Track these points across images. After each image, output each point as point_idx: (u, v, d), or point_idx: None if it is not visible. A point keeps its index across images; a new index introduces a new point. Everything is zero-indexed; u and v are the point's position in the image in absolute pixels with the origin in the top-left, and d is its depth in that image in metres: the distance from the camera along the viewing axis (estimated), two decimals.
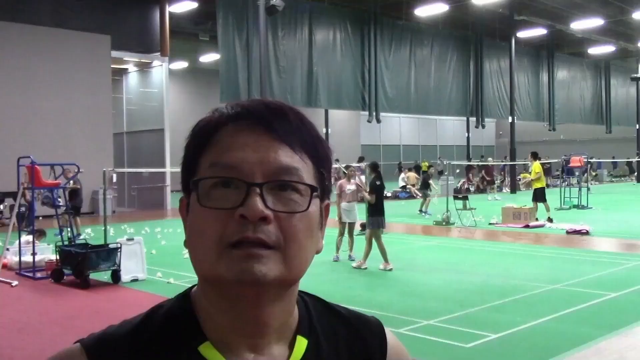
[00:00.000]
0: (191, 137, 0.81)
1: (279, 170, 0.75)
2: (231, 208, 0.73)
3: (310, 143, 0.79)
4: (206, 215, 0.74)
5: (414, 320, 6.64)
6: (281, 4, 18.32)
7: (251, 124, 0.77)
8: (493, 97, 29.97)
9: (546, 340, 5.95)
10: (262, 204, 0.72)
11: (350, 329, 0.88)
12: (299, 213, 0.75)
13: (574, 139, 43.13)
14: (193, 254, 0.77)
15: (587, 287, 8.30)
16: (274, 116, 0.77)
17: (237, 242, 0.72)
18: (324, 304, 0.90)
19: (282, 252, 0.74)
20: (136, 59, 22.58)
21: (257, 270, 0.72)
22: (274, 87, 20.87)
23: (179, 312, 0.80)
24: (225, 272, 0.72)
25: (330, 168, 0.83)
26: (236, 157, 0.75)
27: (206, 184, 0.75)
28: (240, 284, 0.72)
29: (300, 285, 0.84)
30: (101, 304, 7.96)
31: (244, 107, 0.79)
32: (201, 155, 0.78)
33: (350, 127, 40.27)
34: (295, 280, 0.78)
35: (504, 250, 11.92)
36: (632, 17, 27.38)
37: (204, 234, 0.74)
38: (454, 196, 16.91)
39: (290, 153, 0.76)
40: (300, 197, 0.75)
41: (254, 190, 0.73)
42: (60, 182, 11.18)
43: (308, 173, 0.77)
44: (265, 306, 0.76)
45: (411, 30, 26.22)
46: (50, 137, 18.56)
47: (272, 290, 0.75)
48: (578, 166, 21.50)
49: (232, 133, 0.77)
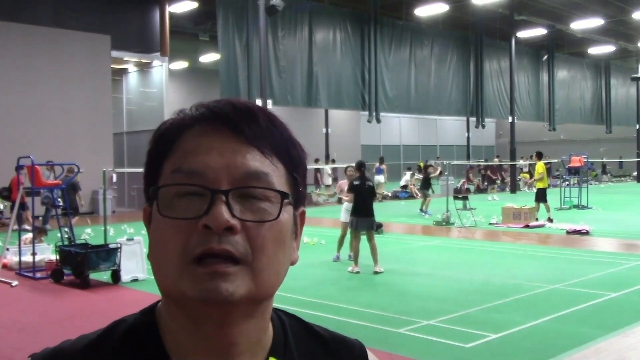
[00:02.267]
0: (153, 142, 0.74)
1: (246, 175, 0.69)
2: (194, 218, 0.66)
3: (281, 146, 0.73)
4: (167, 226, 0.68)
5: (414, 320, 6.64)
6: (281, 4, 18.32)
7: (217, 126, 0.71)
8: (493, 97, 29.97)
9: (546, 340, 5.95)
10: (227, 212, 0.66)
11: (330, 352, 0.82)
12: (269, 222, 0.69)
13: (574, 139, 43.13)
14: (155, 268, 0.71)
15: (587, 287, 8.30)
16: (242, 117, 0.71)
17: (200, 255, 0.66)
18: (302, 324, 0.84)
19: (250, 266, 0.68)
20: (136, 59, 22.58)
21: (223, 289, 0.66)
22: (274, 87, 20.87)
23: (141, 328, 0.74)
24: (189, 291, 0.66)
25: (305, 172, 0.77)
26: (200, 162, 0.69)
27: (168, 192, 0.69)
28: (205, 303, 0.66)
29: (300, 285, 0.82)
30: (101, 304, 7.96)
31: (209, 108, 0.73)
32: (164, 161, 0.72)
33: (350, 127, 40.27)
34: (266, 296, 0.72)
35: (504, 250, 11.92)
36: (632, 17, 27.38)
37: (165, 246, 0.68)
38: (454, 196, 16.91)
39: (260, 157, 0.70)
40: (270, 204, 0.69)
41: (219, 198, 0.67)
42: (60, 182, 11.18)
43: (280, 178, 0.71)
44: (233, 326, 0.70)
45: (411, 30, 26.22)
46: (50, 137, 18.56)
47: (240, 309, 0.68)
48: (578, 166, 21.50)
49: (197, 136, 0.71)
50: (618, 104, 38.80)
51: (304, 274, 9.35)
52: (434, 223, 16.04)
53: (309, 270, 9.67)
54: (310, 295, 7.75)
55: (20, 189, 10.27)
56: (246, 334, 0.72)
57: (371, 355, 0.87)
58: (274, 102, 20.47)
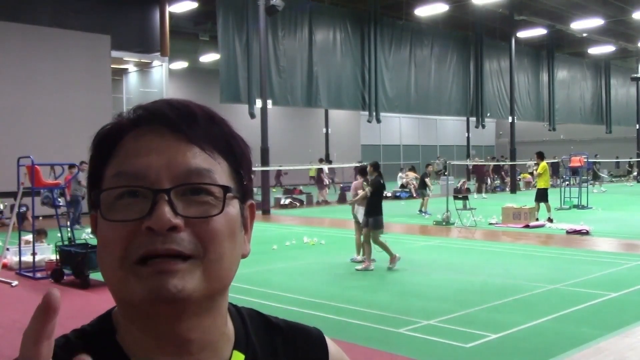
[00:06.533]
0: (93, 148, 0.74)
1: (187, 173, 0.68)
2: (137, 219, 0.66)
3: (222, 142, 0.73)
4: (111, 229, 0.67)
5: (414, 320, 6.64)
6: (281, 4, 18.34)
7: (155, 127, 0.70)
8: (493, 97, 29.98)
9: (546, 340, 5.95)
10: (170, 212, 0.66)
11: (289, 341, 0.84)
12: (214, 216, 0.68)
13: (574, 139, 43.14)
14: (102, 271, 0.70)
15: (587, 287, 8.30)
16: (179, 117, 0.71)
17: (144, 256, 0.66)
18: (261, 316, 0.85)
19: (202, 260, 0.67)
20: (136, 59, 22.59)
21: (171, 286, 0.65)
22: (274, 87, 20.88)
23: (98, 334, 0.74)
24: (137, 290, 0.66)
25: (250, 166, 0.77)
26: (141, 163, 0.68)
27: (110, 195, 0.68)
28: (153, 303, 0.66)
29: (300, 285, 0.82)
30: (101, 304, 7.95)
31: (146, 110, 0.73)
32: (105, 166, 0.71)
33: (350, 127, 40.28)
34: (218, 290, 0.71)
35: (504, 250, 11.92)
36: (632, 17, 27.40)
37: (109, 249, 0.68)
38: (454, 196, 16.91)
39: (201, 154, 0.70)
40: (214, 199, 0.69)
41: (162, 198, 0.66)
42: (60, 182, 11.18)
43: (222, 174, 0.71)
44: (186, 322, 0.69)
45: (411, 30, 26.23)
46: (50, 137, 18.56)
47: (191, 305, 0.68)
48: (578, 166, 21.51)
49: (136, 138, 0.71)
50: (618, 104, 38.81)
51: (304, 274, 9.36)
52: (434, 223, 16.04)
53: (309, 270, 9.68)
54: (310, 295, 7.76)
55: (21, 188, 10.27)
56: (201, 330, 0.71)
57: (332, 343, 0.88)
58: (274, 102, 20.49)
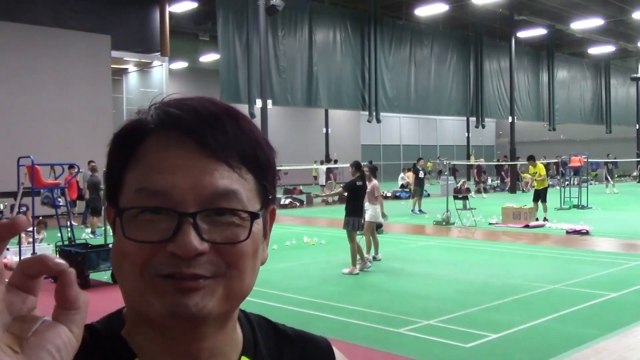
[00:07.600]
0: (113, 148, 0.71)
1: (214, 195, 0.66)
2: (160, 241, 0.64)
3: (250, 153, 0.70)
4: (131, 244, 0.66)
5: (414, 320, 6.64)
6: (281, 4, 18.34)
7: (180, 137, 0.67)
8: (493, 97, 29.99)
9: (546, 340, 5.95)
10: (196, 237, 0.64)
11: (297, 350, 0.83)
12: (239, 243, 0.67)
13: (574, 139, 43.14)
14: (118, 278, 0.68)
15: (587, 287, 8.30)
16: (207, 126, 0.67)
17: (167, 275, 0.64)
18: (269, 323, 0.84)
19: (223, 277, 0.66)
20: (136, 58, 22.58)
21: (192, 305, 0.64)
22: (274, 87, 20.88)
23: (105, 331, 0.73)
24: (153, 306, 0.65)
25: (275, 173, 0.75)
26: (165, 181, 0.66)
27: (133, 211, 0.66)
28: (171, 319, 0.65)
29: (300, 285, 0.82)
30: (101, 304, 7.94)
31: (169, 115, 0.68)
32: (126, 171, 0.69)
33: (350, 127, 40.29)
34: (237, 306, 0.71)
35: (504, 250, 11.92)
36: (632, 17, 27.41)
37: (129, 260, 0.66)
38: (454, 196, 16.91)
39: (228, 172, 0.67)
40: (240, 219, 0.67)
41: (187, 221, 0.64)
42: (60, 182, 11.18)
43: (249, 192, 0.69)
44: (203, 340, 0.69)
45: (411, 30, 26.23)
46: (50, 137, 18.55)
47: (210, 322, 0.67)
48: (578, 166, 21.51)
49: (160, 149, 0.67)
50: (618, 104, 38.82)
51: (304, 274, 9.36)
52: (434, 223, 16.04)
53: (309, 270, 9.69)
54: (310, 295, 7.76)
55: (21, 188, 10.28)
56: (215, 343, 0.71)
57: (339, 354, 0.88)
58: (274, 102, 20.48)
